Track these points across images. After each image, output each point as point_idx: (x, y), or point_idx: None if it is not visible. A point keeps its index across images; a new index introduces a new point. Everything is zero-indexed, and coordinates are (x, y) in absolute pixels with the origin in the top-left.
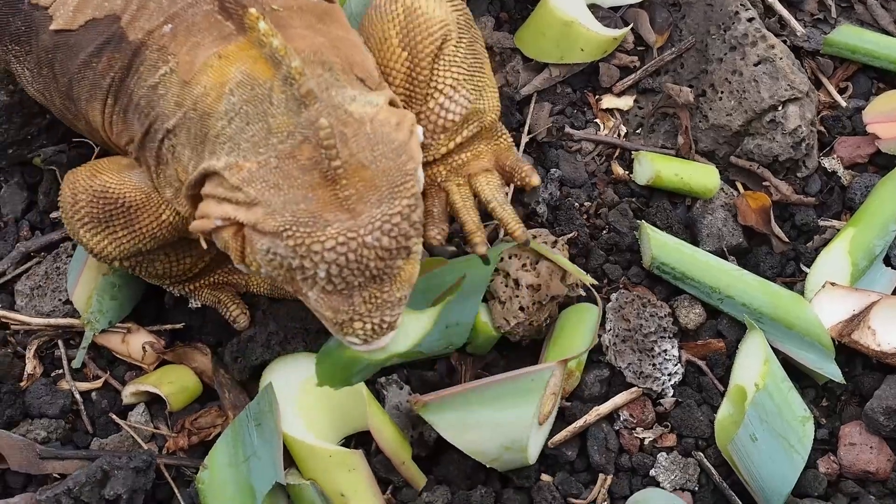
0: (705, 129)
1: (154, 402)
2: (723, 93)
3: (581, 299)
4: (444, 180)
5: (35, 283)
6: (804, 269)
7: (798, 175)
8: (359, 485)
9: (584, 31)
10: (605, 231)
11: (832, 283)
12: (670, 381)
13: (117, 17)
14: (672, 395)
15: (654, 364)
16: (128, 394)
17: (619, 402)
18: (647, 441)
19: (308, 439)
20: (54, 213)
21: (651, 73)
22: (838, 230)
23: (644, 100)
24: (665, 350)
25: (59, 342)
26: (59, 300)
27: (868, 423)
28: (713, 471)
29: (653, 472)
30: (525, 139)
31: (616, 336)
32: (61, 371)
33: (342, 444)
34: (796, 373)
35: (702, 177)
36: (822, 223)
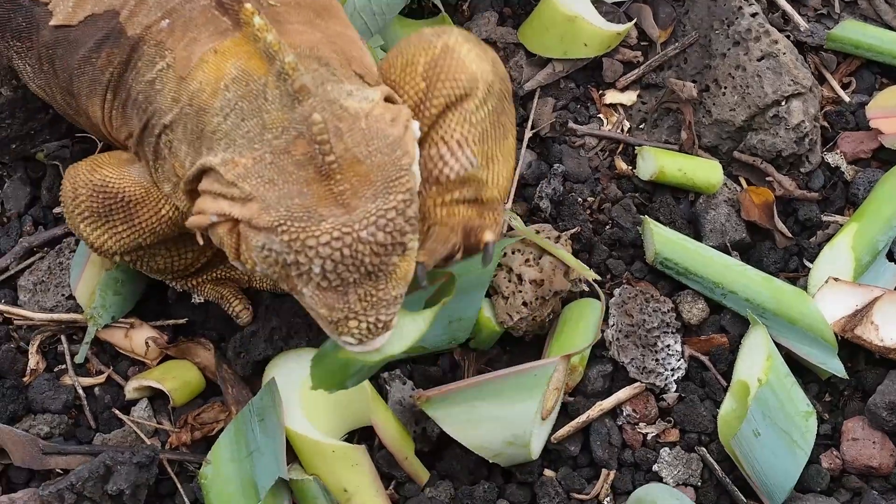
0: (709, 124)
1: (157, 398)
2: (726, 88)
3: (584, 294)
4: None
5: (38, 279)
6: (807, 264)
7: (801, 170)
8: (362, 480)
9: (588, 26)
10: (608, 226)
11: (835, 279)
12: (673, 376)
13: (116, 12)
14: (675, 391)
15: (658, 359)
16: (131, 389)
17: (622, 397)
18: (649, 436)
19: (311, 434)
20: (57, 209)
21: (654, 69)
22: (841, 225)
23: (647, 95)
24: (668, 345)
25: (62, 337)
26: (63, 295)
27: (871, 419)
28: (716, 466)
29: (656, 468)
30: (528, 134)
31: (619, 331)
32: (64, 366)
33: (345, 440)
34: (799, 368)
35: (705, 172)
36: (825, 218)
